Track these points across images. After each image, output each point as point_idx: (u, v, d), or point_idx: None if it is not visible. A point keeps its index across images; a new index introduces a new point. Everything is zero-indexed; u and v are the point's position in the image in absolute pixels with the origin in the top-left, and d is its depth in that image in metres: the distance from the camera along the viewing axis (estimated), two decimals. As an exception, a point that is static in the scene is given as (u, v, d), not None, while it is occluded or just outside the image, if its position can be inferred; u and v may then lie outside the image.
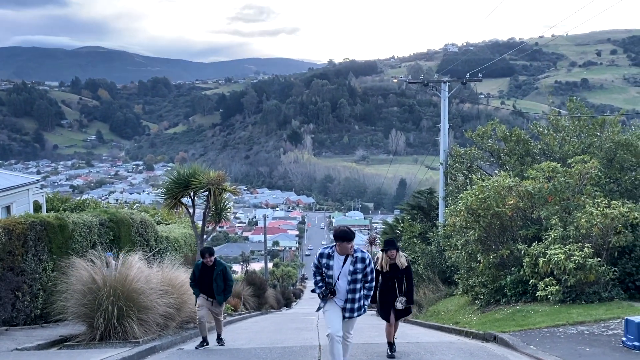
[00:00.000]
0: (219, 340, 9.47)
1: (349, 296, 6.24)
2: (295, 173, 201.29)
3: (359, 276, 6.24)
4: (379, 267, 7.85)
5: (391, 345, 7.98)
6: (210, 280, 9.03)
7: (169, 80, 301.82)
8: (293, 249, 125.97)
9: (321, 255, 6.34)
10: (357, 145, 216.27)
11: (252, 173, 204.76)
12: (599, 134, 17.44)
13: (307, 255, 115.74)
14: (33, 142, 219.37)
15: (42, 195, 19.41)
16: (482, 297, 13.32)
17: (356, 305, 6.29)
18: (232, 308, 21.14)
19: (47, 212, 18.21)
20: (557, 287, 10.99)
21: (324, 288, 6.22)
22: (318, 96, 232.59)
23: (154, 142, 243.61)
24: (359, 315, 6.36)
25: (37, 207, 18.55)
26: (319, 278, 6.34)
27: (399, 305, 7.90)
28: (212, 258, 9.11)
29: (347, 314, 6.27)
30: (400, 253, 8.02)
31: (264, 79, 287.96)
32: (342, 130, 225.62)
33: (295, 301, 46.72)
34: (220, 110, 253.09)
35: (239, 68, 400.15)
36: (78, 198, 31.56)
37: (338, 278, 6.21)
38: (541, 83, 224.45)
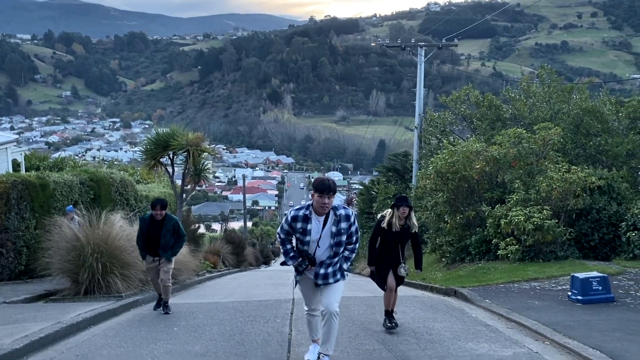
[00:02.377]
0: (165, 307, 8.32)
1: (326, 261, 5.08)
2: (275, 133, 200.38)
3: (343, 238, 5.04)
4: (385, 225, 6.83)
5: (390, 314, 6.97)
6: (159, 235, 8.11)
7: (146, 35, 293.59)
8: (272, 208, 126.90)
9: (295, 219, 5.03)
10: (338, 105, 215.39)
11: (232, 132, 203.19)
12: (567, 100, 18.09)
13: (285, 214, 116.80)
14: (5, 97, 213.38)
15: (21, 154, 19.48)
16: (448, 255, 14.10)
17: (330, 270, 5.08)
18: (212, 265, 21.77)
19: (25, 170, 18.35)
20: (517, 246, 11.75)
21: (300, 259, 5.06)
22: (299, 54, 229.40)
23: (131, 99, 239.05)
24: (336, 282, 5.12)
25: (15, 166, 18.66)
26: (289, 246, 5.15)
27: (402, 271, 6.93)
28: (164, 212, 8.15)
29: (320, 281, 5.07)
30: (412, 214, 6.92)
31: (244, 36, 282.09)
32: (322, 90, 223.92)
33: (274, 259, 47.77)
34: (199, 67, 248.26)
35: (217, 24, 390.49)
36: (56, 155, 31.50)
37: (318, 244, 5.02)
38: (519, 47, 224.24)
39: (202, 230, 29.84)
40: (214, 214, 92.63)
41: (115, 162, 37.56)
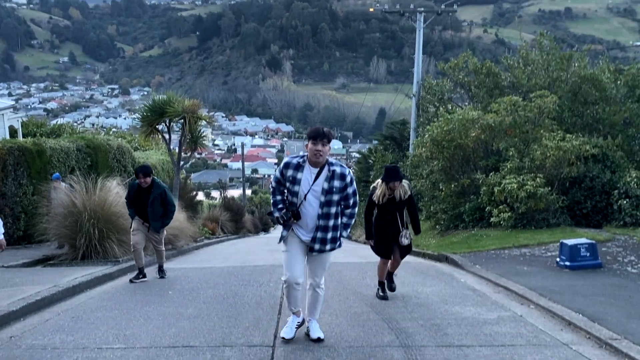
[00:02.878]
0: (160, 271, 8.34)
1: (321, 222, 4.63)
2: (275, 100, 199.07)
3: (335, 197, 4.61)
4: (375, 199, 6.60)
5: (383, 285, 6.79)
6: (146, 204, 7.86)
7: (144, 0, 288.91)
8: (272, 176, 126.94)
9: (287, 166, 4.70)
10: (338, 72, 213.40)
11: (231, 100, 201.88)
12: (566, 68, 17.95)
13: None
14: (2, 63, 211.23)
15: (17, 120, 19.44)
16: (442, 222, 14.26)
17: (329, 235, 4.67)
18: (210, 232, 21.99)
19: (23, 137, 18.35)
20: (509, 214, 11.87)
21: (284, 210, 4.68)
22: (298, 20, 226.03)
23: (129, 65, 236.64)
24: (332, 249, 4.77)
25: (12, 132, 18.66)
26: (279, 197, 4.79)
27: (405, 240, 6.64)
28: (149, 179, 7.86)
29: (316, 246, 4.67)
30: (403, 182, 6.62)
31: (242, 0, 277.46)
32: (322, 56, 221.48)
33: (272, 226, 48.16)
34: (197, 33, 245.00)
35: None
36: (54, 122, 31.40)
37: (305, 198, 4.59)
38: (522, 13, 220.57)
39: (201, 197, 30.01)
40: (214, 182, 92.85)
41: (113, 129, 37.47)
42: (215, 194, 65.98)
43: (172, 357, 4.40)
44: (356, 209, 4.85)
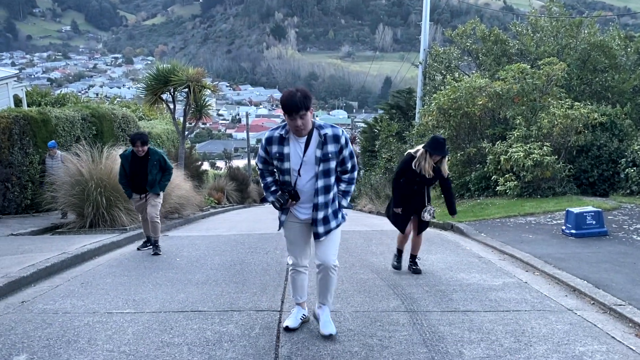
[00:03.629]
0: (155, 246, 7.68)
1: (320, 200, 3.95)
2: (279, 69, 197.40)
3: (332, 164, 3.96)
4: (415, 167, 5.98)
5: (400, 253, 6.48)
6: (144, 172, 7.48)
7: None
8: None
9: (269, 142, 4.00)
10: (343, 40, 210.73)
11: (235, 69, 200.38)
12: (575, 35, 17.65)
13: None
14: (5, 32, 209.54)
15: (22, 89, 19.37)
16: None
17: (330, 211, 4.03)
18: (216, 201, 22.12)
19: (27, 106, 18.32)
20: (515, 182, 11.85)
21: (279, 193, 4.04)
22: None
23: (132, 34, 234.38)
24: (338, 226, 4.12)
25: (17, 102, 18.61)
26: (269, 179, 4.14)
27: (427, 216, 6.19)
28: (146, 147, 7.44)
29: (320, 229, 4.00)
30: (446, 159, 6.14)
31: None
32: (327, 24, 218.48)
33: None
34: (200, 1, 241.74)
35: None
36: (58, 92, 31.29)
37: (299, 173, 3.93)
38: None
39: (206, 167, 30.07)
40: (219, 152, 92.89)
41: (117, 99, 37.34)
42: (220, 164, 66.08)
43: (181, 321, 4.46)
44: (355, 173, 4.19)
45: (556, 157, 11.93)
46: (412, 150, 6.21)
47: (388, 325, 4.39)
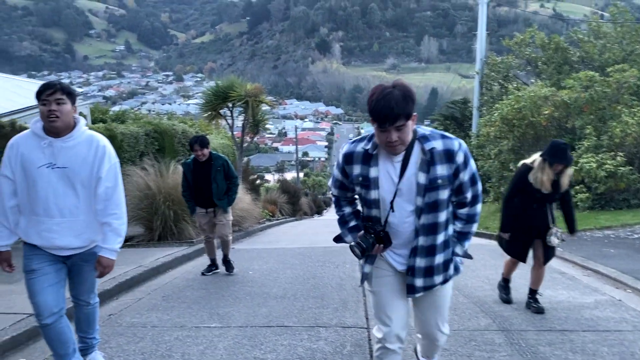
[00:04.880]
0: (227, 263, 7.16)
1: (420, 241, 2.68)
2: (324, 83, 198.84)
3: (443, 194, 2.65)
4: (532, 181, 4.92)
5: (507, 283, 5.53)
6: (208, 181, 6.65)
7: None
8: (322, 159, 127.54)
9: (348, 159, 2.75)
10: (388, 53, 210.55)
11: (281, 83, 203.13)
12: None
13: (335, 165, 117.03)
14: (63, 53, 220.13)
15: (87, 107, 20.13)
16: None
17: (439, 260, 2.73)
18: (270, 214, 22.26)
19: (92, 123, 19.00)
20: (587, 194, 11.36)
21: (362, 233, 2.77)
22: (347, 1, 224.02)
23: (183, 52, 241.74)
24: (446, 280, 2.82)
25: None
26: (347, 210, 2.93)
27: (554, 240, 5.07)
28: (207, 150, 6.63)
29: (418, 281, 2.74)
30: (569, 170, 5.05)
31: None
32: (372, 37, 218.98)
33: (325, 209, 48.43)
34: (247, 18, 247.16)
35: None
36: (115, 109, 32.45)
37: (392, 206, 2.66)
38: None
39: (258, 180, 30.40)
40: (266, 165, 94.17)
41: (173, 115, 38.35)
42: (268, 176, 66.88)
43: (269, 336, 4.41)
44: (479, 207, 2.81)
45: (630, 167, 11.38)
46: (527, 161, 5.13)
47: (484, 345, 4.20)
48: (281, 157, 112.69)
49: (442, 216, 2.68)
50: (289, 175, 66.05)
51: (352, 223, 2.91)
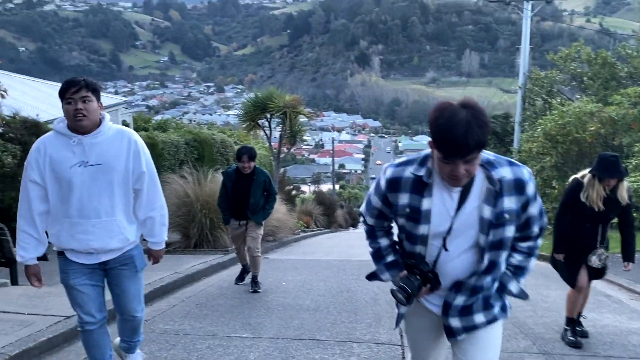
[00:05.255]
0: (254, 283, 6.65)
1: (471, 281, 2.27)
2: (362, 96, 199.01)
3: (509, 231, 2.23)
4: (583, 199, 4.50)
5: (574, 324, 4.83)
6: (247, 194, 6.43)
7: (238, 0, 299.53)
8: (359, 172, 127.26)
9: (393, 186, 2.28)
10: (428, 66, 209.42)
11: (319, 96, 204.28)
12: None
13: (372, 178, 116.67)
14: (110, 63, 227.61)
15: (129, 115, 20.64)
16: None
17: (480, 301, 2.35)
18: (305, 225, 22.26)
19: (135, 131, 19.46)
20: (635, 214, 10.89)
21: (404, 274, 2.30)
22: (388, 15, 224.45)
23: (224, 64, 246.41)
24: (490, 322, 2.37)
25: (125, 127, 19.84)
26: (384, 242, 2.48)
27: (595, 261, 4.74)
28: (253, 163, 6.47)
29: (454, 322, 2.34)
30: (624, 183, 4.55)
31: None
32: (412, 50, 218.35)
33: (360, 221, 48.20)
34: (288, 31, 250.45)
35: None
36: (157, 118, 33.24)
37: (445, 245, 2.23)
38: (630, 0, 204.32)
39: (294, 191, 30.52)
40: (302, 177, 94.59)
41: (213, 125, 39.02)
42: (304, 188, 67.06)
43: (300, 349, 4.35)
44: (540, 241, 2.39)
45: (682, 188, 10.88)
46: (578, 175, 4.71)
47: (524, 368, 4.03)
48: (317, 168, 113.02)
49: (504, 255, 2.28)
50: (325, 187, 66.06)
51: (390, 258, 2.44)
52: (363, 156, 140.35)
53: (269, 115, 16.44)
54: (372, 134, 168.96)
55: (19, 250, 3.07)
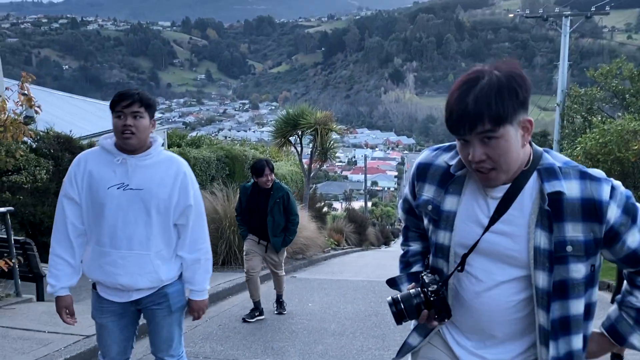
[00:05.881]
0: (279, 304, 6.44)
1: (552, 352, 1.52)
2: (396, 113, 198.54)
3: (580, 270, 1.50)
4: None
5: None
6: (264, 211, 5.86)
7: (273, 18, 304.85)
8: (392, 189, 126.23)
9: (422, 172, 1.74)
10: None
11: (352, 113, 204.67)
12: None
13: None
14: (149, 81, 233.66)
15: (164, 132, 20.95)
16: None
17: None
18: (336, 243, 22.02)
19: (168, 147, 19.72)
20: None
21: (412, 288, 1.66)
22: (422, 32, 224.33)
23: (259, 82, 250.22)
24: None
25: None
26: (414, 247, 1.91)
27: None
28: (272, 176, 5.93)
29: None
30: None
31: (367, 15, 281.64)
32: (447, 68, 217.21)
33: (393, 240, 47.52)
34: (322, 49, 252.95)
35: (341, 4, 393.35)
36: (193, 134, 33.74)
37: (463, 263, 1.61)
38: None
39: (325, 208, 30.34)
40: (334, 193, 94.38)
41: (246, 142, 39.41)
42: (336, 205, 66.86)
43: (323, 378, 4.14)
44: None
45: None
46: None
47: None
48: (350, 185, 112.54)
49: (577, 306, 1.54)
50: (357, 204, 65.71)
51: (416, 268, 1.86)
52: (396, 173, 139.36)
53: (300, 132, 16.42)
54: (406, 151, 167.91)
55: (50, 279, 2.72)
